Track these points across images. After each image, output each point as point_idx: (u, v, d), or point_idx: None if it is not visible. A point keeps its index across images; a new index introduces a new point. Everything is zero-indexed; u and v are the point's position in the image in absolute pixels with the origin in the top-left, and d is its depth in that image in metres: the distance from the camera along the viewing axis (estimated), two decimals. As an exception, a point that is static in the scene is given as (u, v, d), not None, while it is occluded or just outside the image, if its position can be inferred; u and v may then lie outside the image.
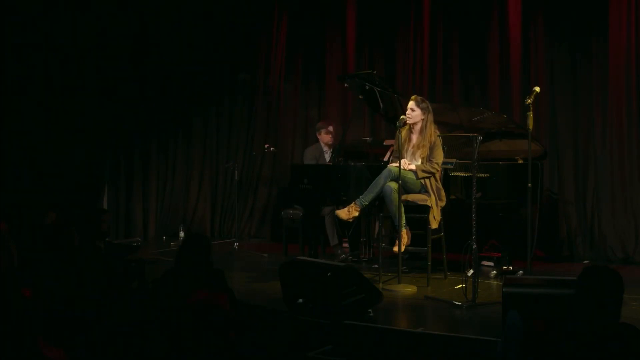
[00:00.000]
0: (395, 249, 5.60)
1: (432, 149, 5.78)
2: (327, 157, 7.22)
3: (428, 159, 5.77)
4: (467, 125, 6.26)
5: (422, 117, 5.79)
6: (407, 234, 5.68)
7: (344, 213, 5.75)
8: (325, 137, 7.26)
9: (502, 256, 6.15)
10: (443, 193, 5.80)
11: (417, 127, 5.82)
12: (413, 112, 5.79)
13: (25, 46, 7.27)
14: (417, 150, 5.83)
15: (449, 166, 5.52)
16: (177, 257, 3.76)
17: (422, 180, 5.75)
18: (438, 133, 5.81)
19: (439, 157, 5.77)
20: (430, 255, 5.69)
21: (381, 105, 6.63)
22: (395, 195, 5.56)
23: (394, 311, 4.96)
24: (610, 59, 6.84)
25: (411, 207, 5.72)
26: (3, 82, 7.11)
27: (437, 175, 5.81)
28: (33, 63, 7.35)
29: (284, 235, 7.25)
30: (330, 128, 7.27)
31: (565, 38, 7.10)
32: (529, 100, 5.38)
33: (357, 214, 5.75)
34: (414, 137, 5.88)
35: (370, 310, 4.55)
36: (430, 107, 5.83)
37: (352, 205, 5.74)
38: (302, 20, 8.49)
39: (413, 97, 5.88)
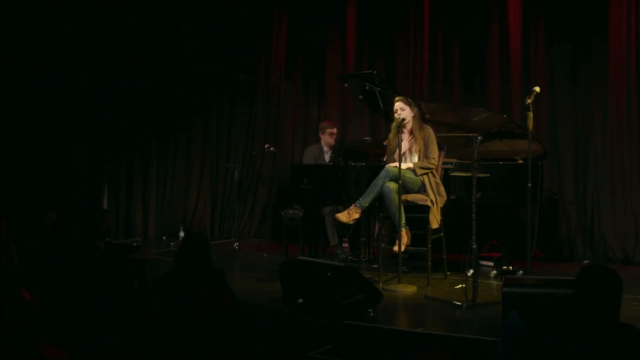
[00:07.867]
0: (395, 248, 5.60)
1: (427, 145, 5.82)
2: (327, 157, 7.21)
3: (424, 155, 5.79)
4: (467, 125, 6.26)
5: (412, 113, 5.85)
6: (407, 234, 5.67)
7: (344, 216, 5.73)
8: (327, 138, 7.26)
9: (502, 256, 6.14)
10: (442, 188, 5.81)
11: (409, 125, 5.86)
12: (403, 111, 5.83)
13: (26, 44, 7.27)
14: (412, 146, 5.89)
15: (449, 166, 5.53)
16: (176, 257, 3.76)
17: (421, 177, 5.76)
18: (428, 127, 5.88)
19: (434, 152, 5.81)
20: (430, 255, 5.69)
21: (381, 105, 6.63)
22: (395, 196, 5.55)
23: (394, 311, 4.96)
24: (610, 59, 6.83)
25: (411, 207, 5.72)
26: (3, 81, 7.10)
27: (436, 172, 5.82)
28: (34, 62, 7.34)
29: (284, 235, 7.25)
30: (334, 130, 7.27)
31: (565, 38, 7.10)
32: (529, 100, 5.38)
33: (357, 216, 5.74)
34: (405, 135, 5.91)
35: (370, 310, 4.55)
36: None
37: (352, 207, 5.73)
38: (302, 20, 8.49)
39: (397, 98, 5.92)
